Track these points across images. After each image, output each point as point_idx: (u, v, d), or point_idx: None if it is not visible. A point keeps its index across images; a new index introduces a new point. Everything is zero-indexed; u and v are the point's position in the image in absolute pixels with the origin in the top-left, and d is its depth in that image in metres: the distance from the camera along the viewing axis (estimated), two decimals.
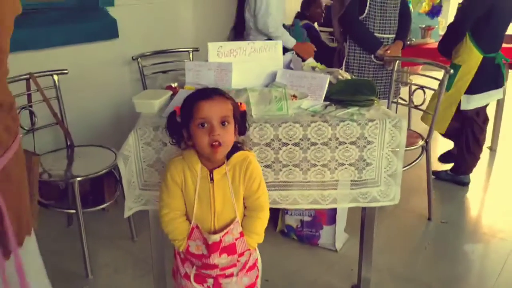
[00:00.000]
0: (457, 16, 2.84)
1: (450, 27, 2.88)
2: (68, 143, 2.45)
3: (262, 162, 1.66)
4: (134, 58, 2.85)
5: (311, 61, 2.27)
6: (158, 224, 1.79)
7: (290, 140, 1.64)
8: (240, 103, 1.42)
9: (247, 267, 1.47)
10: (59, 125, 2.41)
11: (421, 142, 2.61)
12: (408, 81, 3.58)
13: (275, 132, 1.63)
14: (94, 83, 2.84)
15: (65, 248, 2.38)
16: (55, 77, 2.38)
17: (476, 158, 3.04)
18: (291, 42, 2.93)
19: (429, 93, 2.71)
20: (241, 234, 1.41)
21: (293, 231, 2.42)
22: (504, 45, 3.51)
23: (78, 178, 2.11)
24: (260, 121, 1.63)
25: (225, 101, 1.34)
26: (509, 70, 3.47)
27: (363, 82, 1.92)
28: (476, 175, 3.18)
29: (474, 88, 2.77)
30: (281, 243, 2.44)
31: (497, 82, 2.84)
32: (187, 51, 3.05)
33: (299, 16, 4.07)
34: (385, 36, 2.87)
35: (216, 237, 1.37)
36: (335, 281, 2.15)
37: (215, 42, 1.97)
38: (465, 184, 3.07)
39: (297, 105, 1.75)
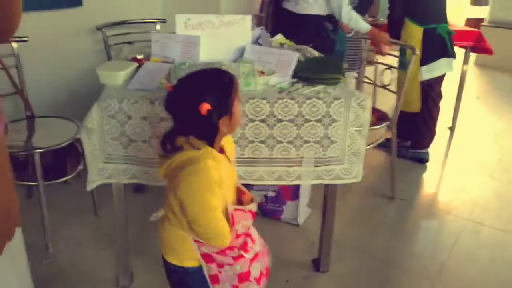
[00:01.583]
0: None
1: (388, 15, 3.08)
2: (28, 113, 2.37)
3: None
4: (98, 27, 2.76)
5: (279, 37, 2.26)
6: (122, 197, 1.79)
7: (257, 117, 1.65)
8: None
9: None
10: (18, 95, 2.33)
11: (385, 123, 2.64)
12: (374, 60, 3.62)
13: (242, 108, 1.63)
14: (56, 53, 2.73)
15: (25, 220, 2.27)
16: (14, 44, 2.28)
17: (431, 132, 3.18)
18: (365, 26, 2.65)
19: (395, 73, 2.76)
20: None
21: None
22: (467, 28, 3.61)
23: (39, 150, 2.06)
24: None
25: None
26: (471, 54, 3.58)
27: (330, 60, 1.94)
28: (435, 155, 3.29)
29: (423, 59, 2.89)
30: None
31: (444, 51, 2.95)
32: (154, 22, 2.97)
33: None
34: None
35: (255, 203, 1.41)
36: (296, 254, 2.20)
37: (183, 14, 1.94)
38: (423, 161, 3.19)
39: (265, 81, 1.75)
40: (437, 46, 2.91)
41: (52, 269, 2.06)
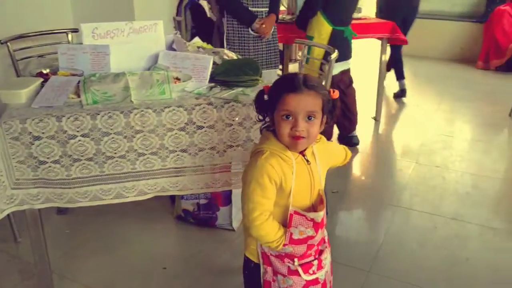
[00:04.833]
0: None
1: (306, 5, 3.12)
2: None
3: (147, 150, 1.59)
4: (2, 42, 2.56)
5: (196, 40, 2.21)
6: (37, 224, 1.66)
7: (175, 125, 1.59)
8: (333, 91, 1.31)
9: (326, 239, 1.44)
10: None
11: None
12: (298, 58, 3.66)
13: (158, 118, 1.56)
14: None
15: None
16: None
17: (351, 120, 3.33)
18: None
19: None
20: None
21: (190, 215, 2.39)
22: (381, 20, 3.74)
23: None
24: (142, 106, 1.55)
25: (315, 95, 1.24)
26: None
27: (247, 62, 1.91)
28: (361, 145, 3.39)
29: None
30: (179, 229, 2.40)
31: (345, 54, 3.10)
32: (65, 32, 2.81)
33: None
34: (258, 9, 2.88)
35: (321, 213, 1.32)
36: (233, 258, 2.16)
37: (90, 23, 1.83)
38: (353, 144, 3.32)
39: (181, 88, 1.69)
40: (340, 48, 2.99)
41: None
